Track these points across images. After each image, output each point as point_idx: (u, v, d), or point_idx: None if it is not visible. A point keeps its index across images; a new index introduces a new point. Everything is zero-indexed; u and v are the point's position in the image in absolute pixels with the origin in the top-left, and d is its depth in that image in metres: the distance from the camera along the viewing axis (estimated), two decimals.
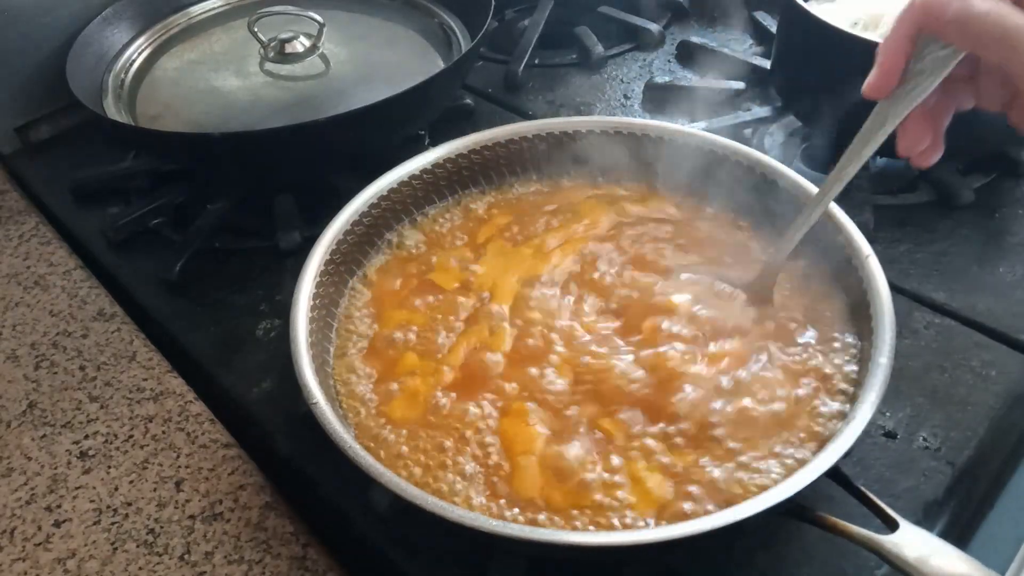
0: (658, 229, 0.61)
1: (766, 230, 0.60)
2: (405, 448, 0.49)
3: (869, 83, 0.42)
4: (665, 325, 0.53)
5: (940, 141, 0.44)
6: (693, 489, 0.45)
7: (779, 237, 0.53)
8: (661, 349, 0.52)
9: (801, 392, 0.50)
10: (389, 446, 0.50)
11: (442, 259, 0.61)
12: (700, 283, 0.56)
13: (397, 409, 0.52)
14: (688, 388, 0.50)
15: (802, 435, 0.48)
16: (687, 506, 0.44)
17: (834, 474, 0.43)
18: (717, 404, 0.49)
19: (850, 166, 0.46)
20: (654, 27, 0.97)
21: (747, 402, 0.49)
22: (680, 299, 0.55)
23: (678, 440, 0.48)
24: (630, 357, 0.52)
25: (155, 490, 0.54)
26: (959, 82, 0.42)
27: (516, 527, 0.41)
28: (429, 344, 0.55)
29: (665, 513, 0.45)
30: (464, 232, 0.64)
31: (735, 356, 0.52)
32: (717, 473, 0.46)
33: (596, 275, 0.57)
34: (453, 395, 0.52)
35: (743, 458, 0.47)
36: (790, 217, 0.59)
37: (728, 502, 0.44)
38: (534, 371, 0.52)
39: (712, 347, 0.52)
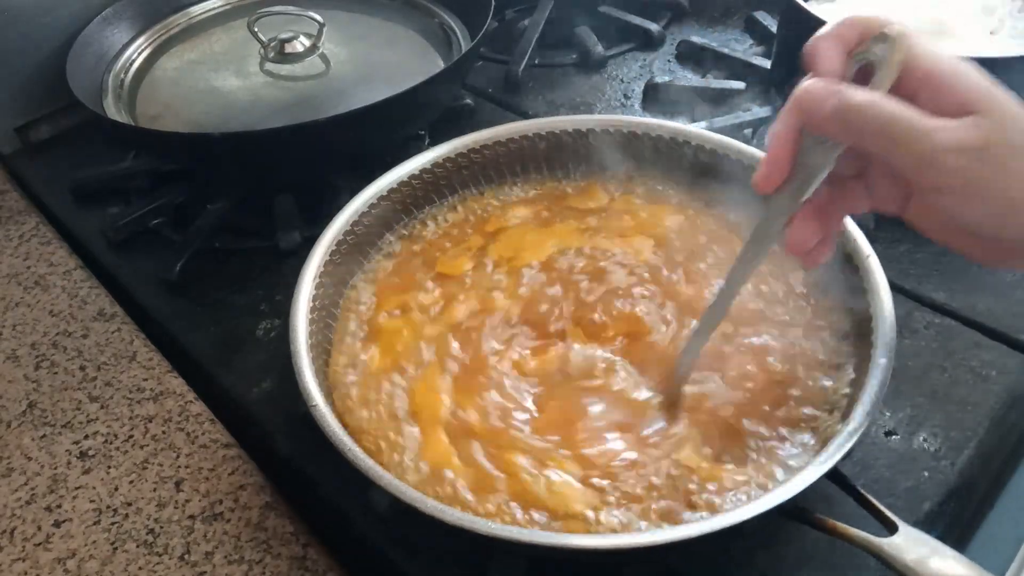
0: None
1: None
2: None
3: (756, 176, 0.41)
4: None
5: (830, 241, 0.43)
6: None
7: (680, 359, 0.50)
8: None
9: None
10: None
11: (446, 255, 0.62)
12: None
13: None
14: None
15: (802, 435, 0.48)
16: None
17: (833, 475, 0.43)
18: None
19: (743, 273, 0.45)
20: (654, 27, 0.97)
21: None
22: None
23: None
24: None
25: (155, 490, 0.54)
26: (849, 181, 0.42)
27: (514, 529, 0.41)
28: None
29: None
30: (468, 228, 0.64)
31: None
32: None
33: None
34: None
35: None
36: None
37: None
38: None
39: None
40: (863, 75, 0.38)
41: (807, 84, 0.39)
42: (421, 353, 0.55)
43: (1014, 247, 0.38)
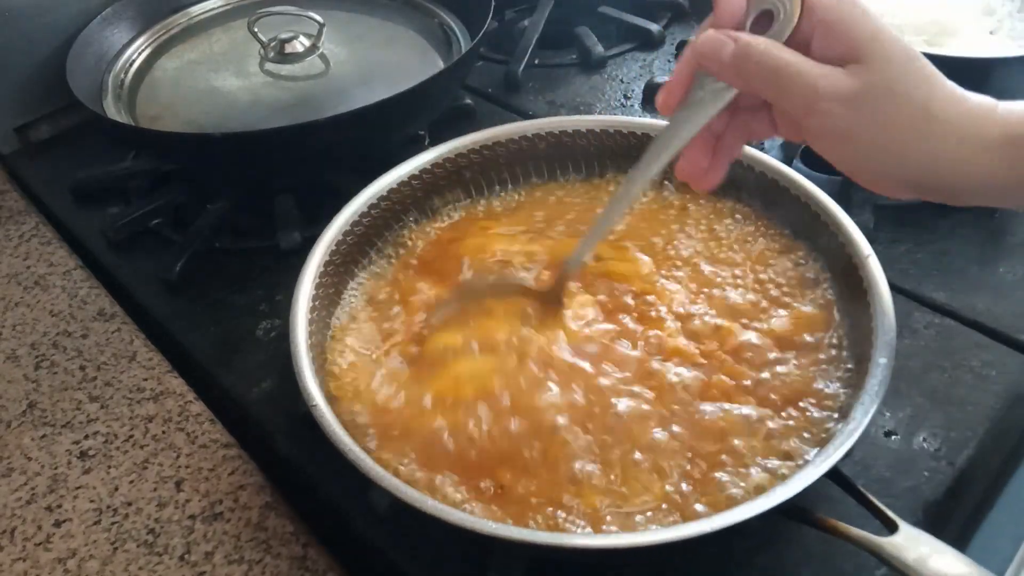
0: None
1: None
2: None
3: (657, 98, 0.44)
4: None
5: (720, 167, 0.45)
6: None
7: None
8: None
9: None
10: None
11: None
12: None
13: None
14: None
15: (802, 435, 0.48)
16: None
17: (834, 475, 0.43)
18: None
19: (634, 186, 0.47)
20: (654, 27, 0.97)
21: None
22: None
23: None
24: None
25: (155, 490, 0.54)
26: (750, 111, 0.44)
27: (514, 529, 0.41)
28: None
29: None
30: (468, 228, 0.64)
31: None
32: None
33: None
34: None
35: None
36: (789, 217, 0.59)
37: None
38: None
39: None
40: (763, 23, 0.40)
41: (708, 33, 0.41)
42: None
43: (897, 185, 0.40)
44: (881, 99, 0.38)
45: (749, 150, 0.61)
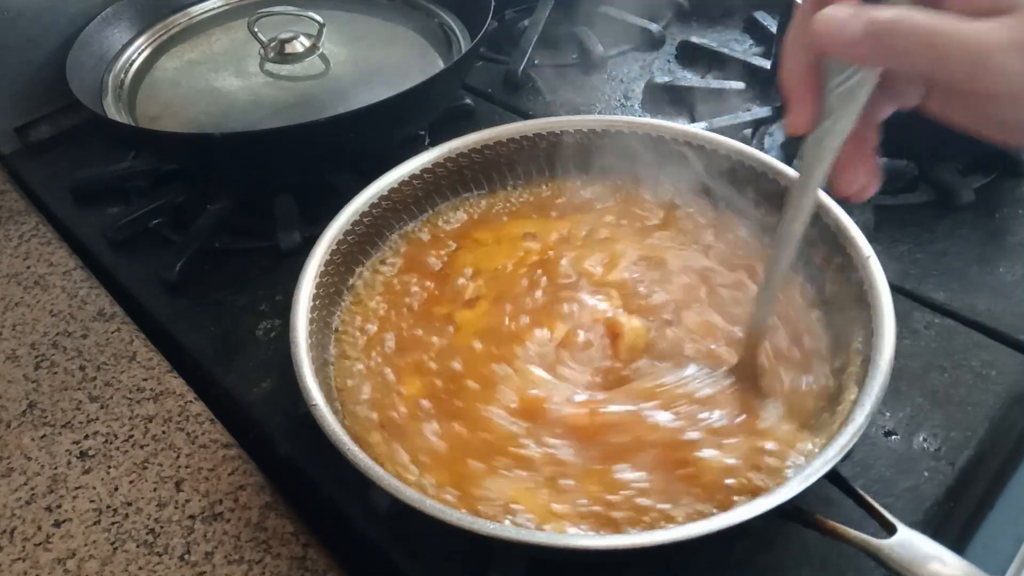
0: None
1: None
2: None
3: (789, 120, 0.39)
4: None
5: (875, 166, 0.40)
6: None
7: (755, 307, 0.49)
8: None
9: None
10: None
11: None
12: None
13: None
14: None
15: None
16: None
17: (833, 476, 0.43)
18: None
19: (796, 223, 0.43)
20: (654, 27, 0.97)
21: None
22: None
23: None
24: None
25: (155, 490, 0.54)
26: (888, 93, 0.39)
27: (513, 529, 0.41)
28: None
29: None
30: (468, 228, 0.64)
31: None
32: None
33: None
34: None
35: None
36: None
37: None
38: None
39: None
40: None
41: (825, 10, 0.35)
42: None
43: None
44: None
45: (749, 150, 0.61)
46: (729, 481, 0.44)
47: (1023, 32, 0.32)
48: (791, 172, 0.59)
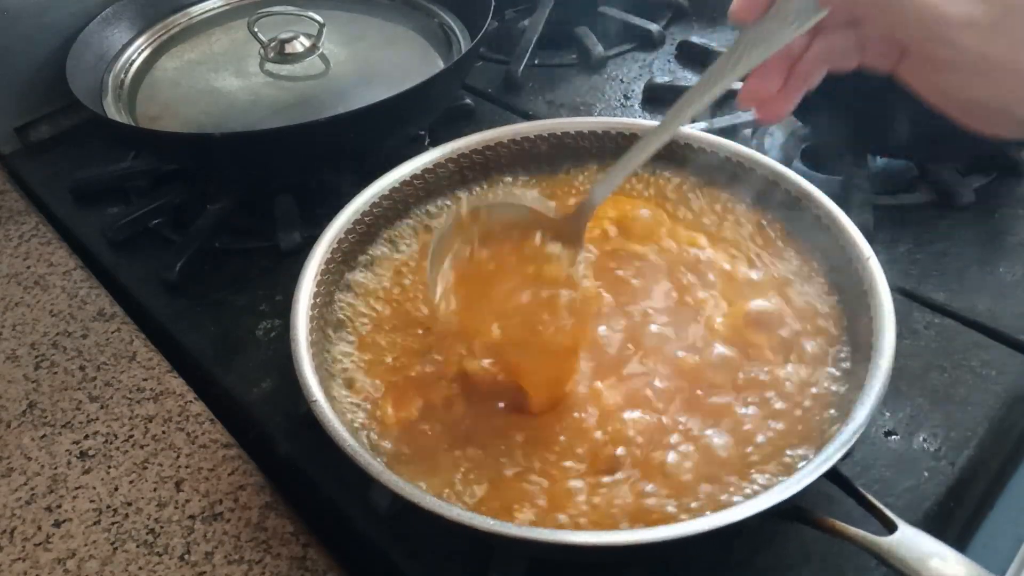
0: None
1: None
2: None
3: (733, 7, 0.39)
4: None
5: (793, 95, 0.41)
6: None
7: (606, 173, 0.48)
8: None
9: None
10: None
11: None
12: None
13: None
14: None
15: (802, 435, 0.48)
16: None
17: (833, 475, 0.43)
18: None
19: (695, 103, 0.42)
20: (654, 27, 0.97)
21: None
22: None
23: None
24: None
25: (155, 490, 0.54)
26: (838, 32, 0.39)
27: (514, 527, 0.41)
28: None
29: None
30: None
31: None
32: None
33: None
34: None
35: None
36: (789, 218, 0.59)
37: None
38: None
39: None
40: None
41: None
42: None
43: (1020, 118, 0.36)
44: (1021, 21, 0.33)
45: (748, 151, 0.61)
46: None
47: (983, 9, 0.33)
48: (790, 173, 0.59)
